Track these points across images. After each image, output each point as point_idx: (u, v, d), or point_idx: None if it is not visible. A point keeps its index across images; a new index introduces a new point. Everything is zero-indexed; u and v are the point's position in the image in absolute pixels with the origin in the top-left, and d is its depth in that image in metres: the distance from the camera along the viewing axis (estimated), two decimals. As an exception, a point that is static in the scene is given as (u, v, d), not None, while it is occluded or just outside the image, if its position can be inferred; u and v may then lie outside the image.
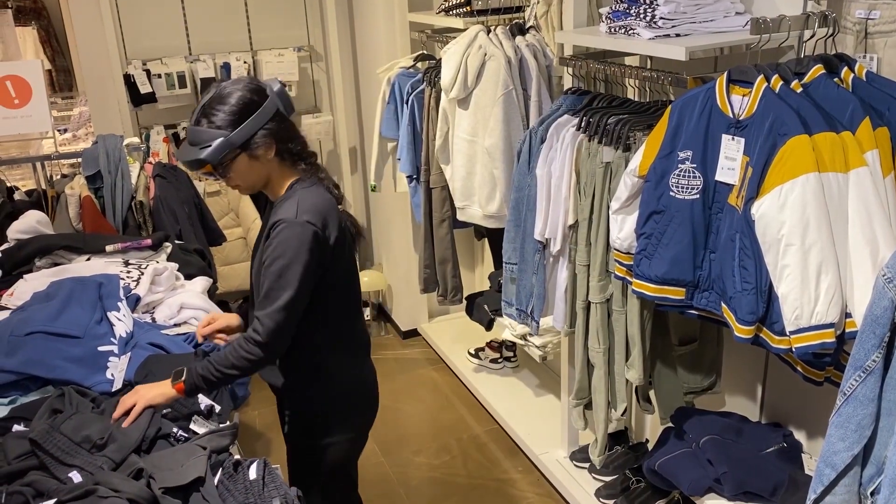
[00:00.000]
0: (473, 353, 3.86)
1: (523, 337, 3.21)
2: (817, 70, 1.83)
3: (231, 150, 1.74)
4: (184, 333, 2.20)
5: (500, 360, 3.79)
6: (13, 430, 1.74)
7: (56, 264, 2.51)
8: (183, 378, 1.78)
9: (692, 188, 1.94)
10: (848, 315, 1.71)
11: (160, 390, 1.77)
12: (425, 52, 3.55)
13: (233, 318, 2.08)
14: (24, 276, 2.42)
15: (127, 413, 1.72)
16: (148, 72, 3.79)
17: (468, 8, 3.21)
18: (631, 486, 2.74)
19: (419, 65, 3.46)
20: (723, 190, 1.90)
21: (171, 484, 1.51)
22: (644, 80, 2.28)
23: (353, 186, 4.50)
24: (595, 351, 2.43)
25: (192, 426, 1.77)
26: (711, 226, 1.94)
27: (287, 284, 1.74)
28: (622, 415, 2.48)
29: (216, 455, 1.66)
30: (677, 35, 2.08)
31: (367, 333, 2.09)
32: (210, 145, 1.72)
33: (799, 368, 1.94)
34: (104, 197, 2.98)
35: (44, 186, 3.14)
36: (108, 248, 2.58)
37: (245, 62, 4.00)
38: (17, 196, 3.12)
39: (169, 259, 2.62)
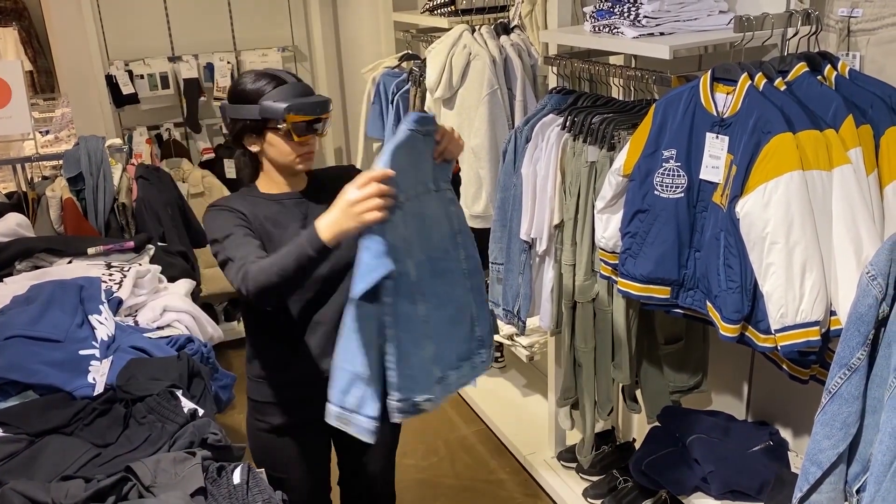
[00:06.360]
0: (460, 353, 3.84)
1: (510, 337, 3.20)
2: (801, 68, 1.83)
3: None
4: (167, 336, 2.17)
5: (487, 361, 3.78)
6: (-8, 435, 1.71)
7: (37, 267, 2.48)
8: None
9: (677, 187, 1.93)
10: (833, 313, 1.71)
11: None
12: (410, 51, 3.54)
13: None
14: (4, 279, 2.39)
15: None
16: (130, 72, 3.76)
17: (453, 7, 3.20)
18: (618, 485, 2.73)
19: (404, 64, 3.45)
20: (707, 188, 1.90)
21: (173, 500, 1.48)
22: (628, 79, 2.28)
23: (338, 187, 4.47)
24: (582, 351, 2.43)
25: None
26: (696, 224, 1.94)
27: None
28: (609, 414, 2.48)
29: (214, 462, 1.64)
30: (661, 34, 2.08)
31: None
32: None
33: (784, 367, 1.95)
34: (86, 199, 2.94)
35: (24, 189, 3.10)
36: (90, 250, 2.55)
37: (228, 62, 3.97)
38: (-4, 198, 3.07)
39: (152, 261, 2.59)
